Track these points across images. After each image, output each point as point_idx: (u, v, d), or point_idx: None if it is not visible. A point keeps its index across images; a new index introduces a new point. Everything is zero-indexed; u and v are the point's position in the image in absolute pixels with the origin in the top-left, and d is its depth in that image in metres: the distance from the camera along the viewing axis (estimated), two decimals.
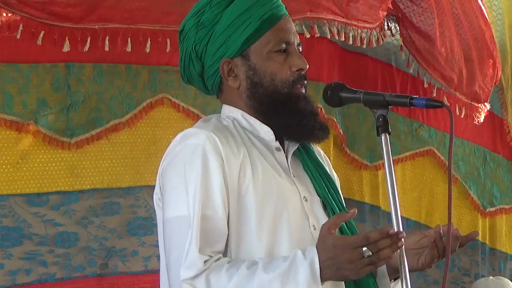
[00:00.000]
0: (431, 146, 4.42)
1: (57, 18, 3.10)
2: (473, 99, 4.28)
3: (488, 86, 4.33)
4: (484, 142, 4.65)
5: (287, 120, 2.10)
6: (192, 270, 1.91)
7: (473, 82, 4.26)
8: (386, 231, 1.85)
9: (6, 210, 3.21)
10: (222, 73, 2.13)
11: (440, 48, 4.09)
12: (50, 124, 3.26)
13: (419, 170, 4.42)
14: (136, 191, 3.44)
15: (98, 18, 3.17)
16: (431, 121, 4.40)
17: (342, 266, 1.86)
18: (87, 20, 3.15)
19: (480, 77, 4.28)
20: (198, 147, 2.01)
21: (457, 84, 4.20)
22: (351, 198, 4.13)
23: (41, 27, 3.09)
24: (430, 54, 4.08)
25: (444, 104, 1.95)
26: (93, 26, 3.16)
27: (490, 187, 4.66)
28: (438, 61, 4.11)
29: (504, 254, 4.71)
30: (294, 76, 2.11)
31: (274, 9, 2.13)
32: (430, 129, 4.41)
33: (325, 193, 2.13)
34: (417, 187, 4.40)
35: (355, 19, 3.79)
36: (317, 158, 2.21)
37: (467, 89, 4.24)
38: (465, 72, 4.21)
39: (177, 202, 2.00)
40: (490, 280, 4.30)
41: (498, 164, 4.71)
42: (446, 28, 4.11)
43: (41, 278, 3.27)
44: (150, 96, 3.48)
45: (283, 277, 1.88)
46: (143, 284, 3.41)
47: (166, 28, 3.26)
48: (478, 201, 4.58)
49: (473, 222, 4.58)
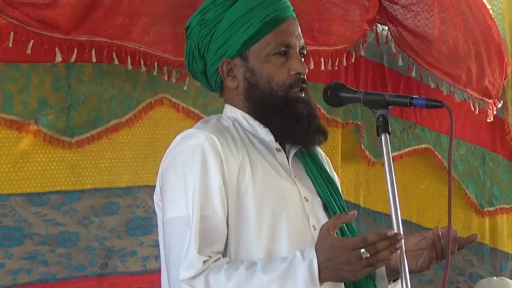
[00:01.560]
0: (428, 144, 4.40)
1: (47, 27, 3.11)
2: (484, 94, 4.25)
3: (498, 81, 4.30)
4: (482, 142, 4.63)
5: (282, 123, 2.09)
6: (191, 270, 1.91)
7: (483, 78, 4.23)
8: (384, 233, 1.84)
9: (7, 210, 3.22)
10: (221, 73, 2.14)
11: (441, 47, 4.08)
12: (51, 123, 3.27)
13: (409, 169, 4.40)
14: (134, 191, 3.45)
15: (86, 30, 3.19)
16: (424, 121, 4.38)
17: (341, 268, 1.86)
18: (76, 32, 3.17)
19: (489, 72, 4.25)
20: (198, 148, 2.01)
21: (466, 80, 4.17)
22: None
23: (31, 35, 3.11)
24: (429, 55, 4.06)
25: (444, 104, 1.94)
26: (79, 38, 3.18)
27: (489, 187, 4.64)
28: (439, 60, 4.09)
29: (506, 254, 4.70)
30: (291, 80, 2.10)
31: (278, 11, 2.12)
32: (423, 129, 4.39)
33: (326, 194, 2.12)
34: (407, 186, 4.38)
35: (327, 45, 3.78)
36: (318, 159, 2.21)
37: (477, 85, 4.21)
38: (474, 68, 4.18)
39: (176, 202, 2.00)
40: (494, 280, 4.29)
41: (498, 164, 4.69)
42: (449, 25, 4.10)
43: (42, 278, 3.27)
44: (149, 96, 3.49)
45: (282, 278, 1.88)
46: (141, 284, 3.41)
47: (141, 48, 3.30)
48: (476, 201, 4.57)
49: (468, 221, 4.56)
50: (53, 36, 3.13)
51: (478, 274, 4.57)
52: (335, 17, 3.80)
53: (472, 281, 4.53)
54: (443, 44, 4.08)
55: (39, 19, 3.09)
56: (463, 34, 4.16)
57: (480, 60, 4.22)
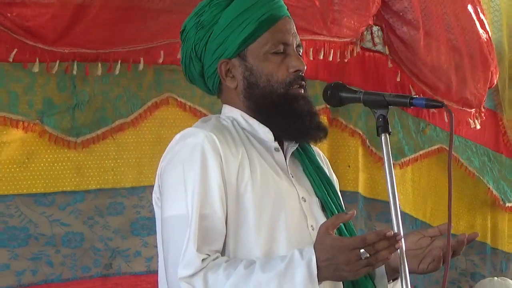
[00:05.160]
0: (441, 144, 4.39)
1: (32, 37, 3.10)
2: (464, 105, 4.29)
3: (481, 92, 4.34)
4: (486, 141, 4.64)
5: (283, 120, 2.09)
6: (189, 269, 1.91)
7: (464, 89, 4.27)
8: (383, 233, 1.84)
9: (12, 210, 3.21)
10: (220, 73, 2.14)
11: (425, 58, 4.10)
12: (56, 123, 3.26)
13: (425, 170, 4.40)
14: (139, 191, 3.44)
15: (69, 42, 3.18)
16: (436, 120, 4.39)
17: (340, 267, 1.85)
18: (60, 43, 3.16)
19: (472, 83, 4.29)
20: (197, 147, 2.01)
21: (444, 91, 4.20)
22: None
23: (15, 43, 3.09)
24: (413, 64, 4.09)
25: (444, 104, 1.94)
26: (62, 50, 3.17)
27: (503, 184, 4.63)
28: (422, 72, 4.13)
29: (507, 254, 4.68)
30: (290, 77, 2.10)
31: (273, 10, 2.13)
32: (436, 128, 4.38)
33: (323, 194, 2.13)
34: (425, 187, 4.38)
35: (337, 36, 3.80)
36: (316, 159, 2.21)
37: (457, 96, 4.24)
38: (454, 79, 4.21)
39: (175, 201, 2.00)
40: (495, 281, 4.28)
41: (501, 164, 4.69)
42: (433, 37, 4.13)
43: (47, 279, 3.27)
44: (155, 96, 3.48)
45: (280, 277, 1.87)
46: (145, 284, 3.41)
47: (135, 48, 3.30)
48: (498, 196, 4.56)
49: (494, 219, 4.56)
50: (37, 46, 3.12)
51: (481, 274, 4.56)
52: (346, 9, 3.82)
53: (474, 281, 4.53)
54: (427, 55, 4.12)
55: (25, 29, 3.08)
56: (445, 45, 4.18)
57: (462, 71, 4.25)
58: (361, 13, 3.85)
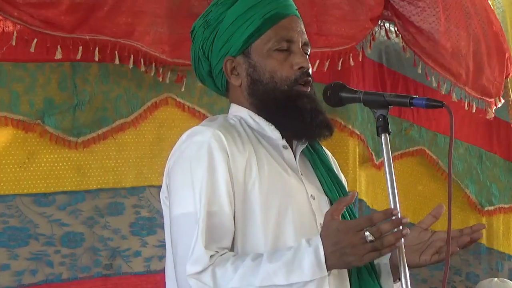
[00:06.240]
0: (422, 145, 4.38)
1: (49, 26, 3.11)
2: (482, 93, 4.25)
3: (498, 80, 4.29)
4: (479, 142, 4.63)
5: (285, 118, 2.09)
6: (198, 265, 1.91)
7: (481, 76, 4.22)
8: (390, 211, 1.83)
9: (13, 210, 3.21)
10: (225, 71, 2.15)
11: (445, 43, 4.08)
12: (57, 123, 3.26)
13: (406, 170, 4.38)
14: (139, 191, 3.44)
15: (89, 29, 3.19)
16: (421, 121, 4.37)
17: (345, 251, 1.84)
18: (79, 30, 3.17)
19: (488, 70, 4.24)
20: (204, 144, 2.01)
21: (465, 79, 4.17)
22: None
23: (34, 34, 3.11)
24: (435, 51, 4.06)
25: (444, 104, 1.94)
26: (84, 36, 3.18)
27: (489, 186, 4.63)
28: (444, 57, 4.09)
29: (502, 254, 4.68)
30: (296, 74, 2.10)
31: (279, 8, 2.13)
32: (420, 129, 4.38)
33: (333, 194, 2.12)
34: (403, 186, 4.37)
35: (328, 46, 3.78)
36: (327, 160, 2.21)
37: (474, 83, 4.20)
38: (471, 65, 4.18)
39: (183, 199, 2.00)
40: (495, 282, 4.28)
41: (495, 164, 4.67)
42: (452, 23, 4.10)
43: (47, 279, 3.26)
44: (154, 96, 3.48)
45: (288, 266, 1.87)
46: (145, 284, 3.40)
47: (143, 48, 3.31)
48: (476, 200, 4.56)
49: (465, 221, 4.54)
50: (56, 34, 3.13)
51: (475, 274, 4.56)
52: (334, 18, 3.80)
53: (469, 281, 4.52)
54: (447, 41, 4.09)
55: (42, 19, 3.09)
56: (465, 31, 4.16)
57: (479, 58, 4.22)
58: (356, 18, 3.82)
